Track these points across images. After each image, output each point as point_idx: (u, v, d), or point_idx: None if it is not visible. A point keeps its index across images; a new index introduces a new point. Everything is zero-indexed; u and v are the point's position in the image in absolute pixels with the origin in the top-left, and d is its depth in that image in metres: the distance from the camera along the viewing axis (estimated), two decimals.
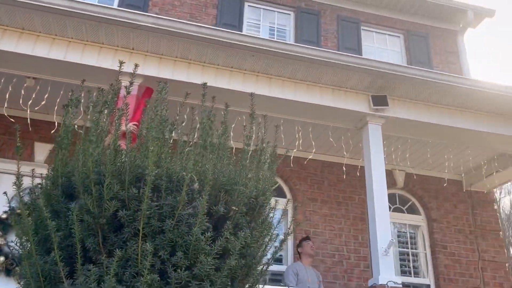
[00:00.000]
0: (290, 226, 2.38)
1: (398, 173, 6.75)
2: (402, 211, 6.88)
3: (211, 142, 2.11)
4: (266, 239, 2.33)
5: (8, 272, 4.88)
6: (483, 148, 6.00)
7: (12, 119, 4.73)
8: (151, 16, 4.41)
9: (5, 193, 2.40)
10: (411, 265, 6.63)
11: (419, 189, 6.89)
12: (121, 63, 2.18)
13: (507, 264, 6.89)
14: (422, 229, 6.83)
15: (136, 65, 2.23)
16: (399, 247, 6.69)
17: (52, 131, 4.92)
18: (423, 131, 5.50)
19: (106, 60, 4.61)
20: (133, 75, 2.22)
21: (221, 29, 4.77)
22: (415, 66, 7.49)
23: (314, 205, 6.41)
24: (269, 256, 2.41)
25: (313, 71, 4.94)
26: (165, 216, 1.88)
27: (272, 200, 2.45)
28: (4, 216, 4.91)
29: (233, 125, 5.11)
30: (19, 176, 2.13)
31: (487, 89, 5.09)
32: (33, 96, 4.74)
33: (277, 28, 7.87)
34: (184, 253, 1.88)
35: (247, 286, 2.26)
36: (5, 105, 4.71)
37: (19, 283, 2.10)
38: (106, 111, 2.20)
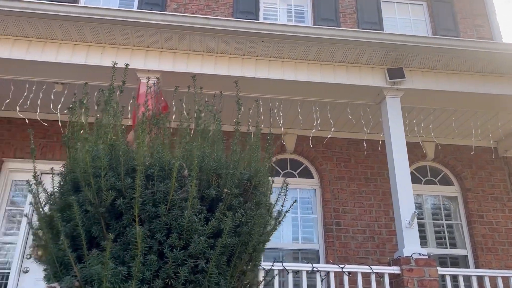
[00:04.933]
0: (282, 204, 2.49)
1: (427, 144, 6.63)
2: (434, 183, 6.77)
3: (201, 130, 2.25)
4: (266, 218, 2.45)
5: None
6: None
7: (45, 124, 5.10)
8: (159, 13, 4.58)
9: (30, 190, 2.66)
10: (446, 236, 6.54)
11: (451, 159, 6.74)
12: (114, 64, 2.35)
13: None
14: (456, 199, 6.71)
15: (127, 65, 2.39)
16: (433, 219, 6.61)
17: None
18: (445, 100, 5.37)
19: (123, 60, 4.82)
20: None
21: (229, 18, 4.87)
22: (440, 34, 7.29)
23: (341, 183, 6.45)
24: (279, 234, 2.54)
25: (325, 51, 4.95)
26: (158, 201, 2.06)
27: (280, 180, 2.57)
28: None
29: (250, 111, 5.24)
30: (35, 175, 2.37)
31: (510, 51, 4.89)
32: (62, 100, 5.08)
33: (294, 10, 7.86)
34: (179, 234, 2.04)
35: (251, 264, 2.41)
36: (38, 111, 5.08)
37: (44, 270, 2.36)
38: (110, 109, 2.40)
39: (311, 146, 6.07)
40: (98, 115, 2.40)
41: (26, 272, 5.47)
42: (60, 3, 4.61)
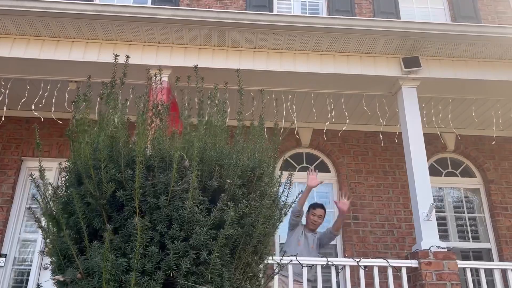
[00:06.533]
0: (287, 196, 2.43)
1: (447, 136, 6.44)
2: (455, 175, 6.58)
3: (201, 122, 2.21)
4: (271, 210, 2.40)
5: None
6: None
7: (60, 122, 5.17)
8: (169, 8, 4.57)
9: (38, 186, 2.68)
10: (469, 229, 6.36)
11: (472, 150, 6.54)
12: (115, 56, 2.33)
13: None
14: (478, 191, 6.51)
15: (127, 57, 2.37)
16: (454, 212, 6.43)
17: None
18: (464, 89, 5.20)
19: (135, 57, 4.83)
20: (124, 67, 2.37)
21: (238, 11, 4.83)
22: (460, 22, 7.07)
23: (359, 176, 6.34)
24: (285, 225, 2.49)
25: (338, 41, 4.85)
26: (159, 193, 2.03)
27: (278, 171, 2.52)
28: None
29: (267, 105, 5.17)
30: (41, 170, 2.39)
31: None
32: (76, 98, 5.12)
33: (308, 2, 7.75)
34: (180, 225, 2.01)
35: (257, 256, 2.36)
36: (53, 110, 5.14)
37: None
38: (111, 102, 2.39)
39: (326, 139, 5.97)
40: (101, 109, 2.39)
41: (46, 268, 5.56)
42: (71, 1, 4.65)
